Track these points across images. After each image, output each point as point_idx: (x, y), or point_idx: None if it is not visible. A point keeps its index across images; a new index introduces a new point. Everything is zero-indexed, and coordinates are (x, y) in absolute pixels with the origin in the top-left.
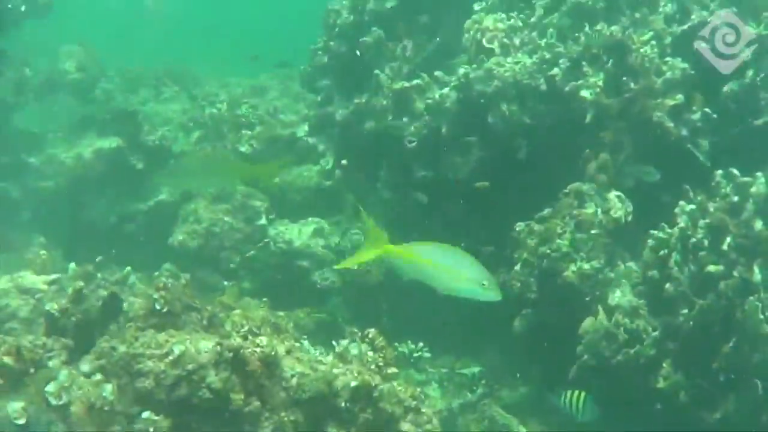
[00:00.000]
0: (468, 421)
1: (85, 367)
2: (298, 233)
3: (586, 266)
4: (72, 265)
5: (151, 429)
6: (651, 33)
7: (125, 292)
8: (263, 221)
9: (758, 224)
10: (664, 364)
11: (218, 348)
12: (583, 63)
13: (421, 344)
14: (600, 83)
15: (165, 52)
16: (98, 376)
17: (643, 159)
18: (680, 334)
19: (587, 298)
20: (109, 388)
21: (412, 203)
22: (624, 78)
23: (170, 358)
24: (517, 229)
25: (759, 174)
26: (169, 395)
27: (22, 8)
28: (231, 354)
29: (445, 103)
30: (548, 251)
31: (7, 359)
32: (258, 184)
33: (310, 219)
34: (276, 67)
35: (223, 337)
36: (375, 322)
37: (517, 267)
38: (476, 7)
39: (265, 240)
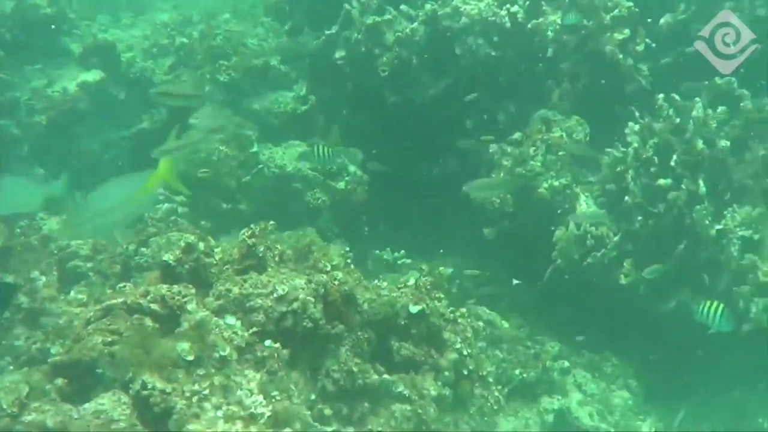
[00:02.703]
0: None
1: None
2: (286, 157)
3: (557, 183)
4: None
5: (276, 355)
6: None
7: (170, 228)
8: (255, 149)
9: (699, 143)
10: (625, 264)
11: (312, 285)
12: (543, 2)
13: (402, 251)
14: (558, 21)
15: None
16: (232, 319)
17: (597, 86)
18: (638, 238)
19: (558, 211)
20: (239, 324)
21: (380, 127)
22: None
23: (275, 296)
24: (491, 150)
25: (697, 99)
26: (277, 326)
27: None
28: (322, 289)
29: (415, 37)
30: (524, 171)
31: (154, 306)
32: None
33: (290, 142)
34: None
35: (300, 272)
36: (359, 234)
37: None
38: None
39: (259, 166)
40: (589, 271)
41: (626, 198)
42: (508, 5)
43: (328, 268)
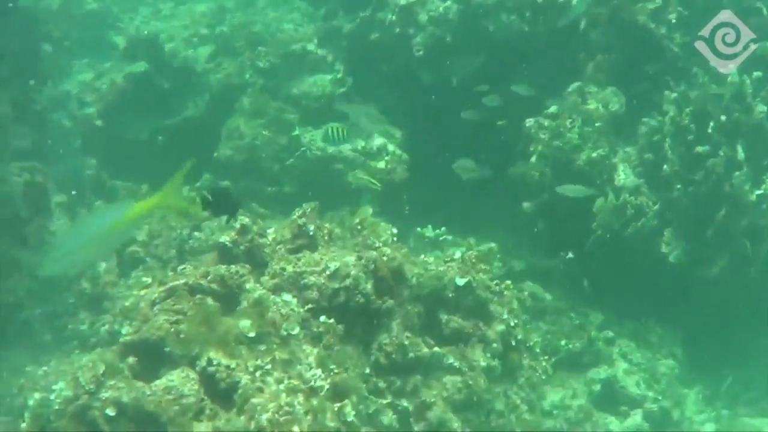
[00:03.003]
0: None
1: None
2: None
3: (594, 155)
4: None
5: (331, 330)
6: None
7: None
8: (297, 132)
9: (736, 109)
10: (665, 233)
11: (362, 261)
12: None
13: (443, 228)
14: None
15: None
16: (288, 296)
17: (630, 57)
18: (678, 206)
19: (597, 182)
20: (294, 302)
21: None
22: None
23: (327, 273)
24: (527, 124)
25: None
26: (330, 302)
27: None
28: (372, 265)
29: (448, 15)
30: (561, 144)
31: (215, 286)
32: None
33: (330, 124)
34: None
35: (351, 249)
36: (399, 212)
37: (533, 159)
38: None
39: (302, 148)
40: (630, 241)
41: (664, 167)
42: None
43: (377, 245)
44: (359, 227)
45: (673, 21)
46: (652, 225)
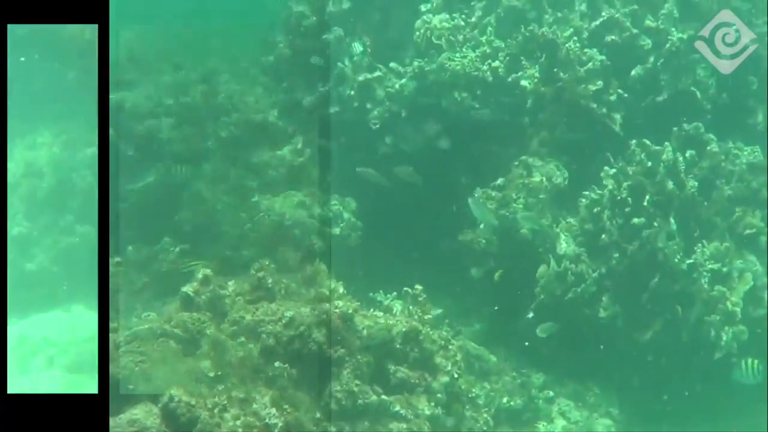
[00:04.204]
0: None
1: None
2: (285, 205)
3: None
4: (130, 248)
5: (285, 374)
6: (571, 29)
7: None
8: (256, 198)
9: (670, 184)
10: (603, 298)
11: (315, 312)
12: (521, 58)
13: (394, 293)
14: (537, 74)
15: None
16: (242, 339)
17: (573, 134)
18: (615, 274)
19: (540, 250)
20: (251, 346)
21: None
22: (555, 69)
23: (284, 321)
24: (476, 195)
25: (667, 143)
26: (285, 349)
27: None
28: (324, 316)
29: (404, 92)
30: (507, 213)
31: (177, 331)
32: None
33: (288, 192)
34: None
35: (306, 302)
36: (353, 276)
37: (482, 227)
38: (423, 8)
39: (261, 214)
40: (571, 306)
41: (603, 236)
42: (489, 61)
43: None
44: (313, 282)
45: (613, 101)
46: (591, 291)
